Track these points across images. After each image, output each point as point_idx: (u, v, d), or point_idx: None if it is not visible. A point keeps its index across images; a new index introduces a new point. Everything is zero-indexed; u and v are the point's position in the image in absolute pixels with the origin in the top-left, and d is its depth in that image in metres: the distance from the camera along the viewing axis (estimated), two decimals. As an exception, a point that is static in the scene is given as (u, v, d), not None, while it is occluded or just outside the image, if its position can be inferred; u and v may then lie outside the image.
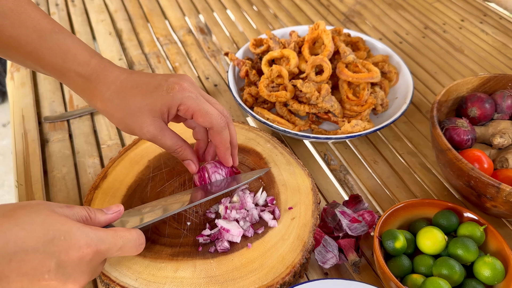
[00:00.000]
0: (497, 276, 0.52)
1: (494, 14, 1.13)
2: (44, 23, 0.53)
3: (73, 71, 0.53)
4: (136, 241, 0.47)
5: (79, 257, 0.41)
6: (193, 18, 1.11)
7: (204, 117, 0.54)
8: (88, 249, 0.41)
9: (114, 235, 0.45)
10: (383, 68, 0.82)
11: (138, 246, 0.48)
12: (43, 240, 0.39)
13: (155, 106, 0.53)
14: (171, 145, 0.55)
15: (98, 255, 0.42)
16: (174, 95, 0.53)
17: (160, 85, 0.53)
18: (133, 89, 0.53)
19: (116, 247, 0.45)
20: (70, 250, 0.40)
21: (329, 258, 0.56)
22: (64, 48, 0.53)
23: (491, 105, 0.69)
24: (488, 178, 0.56)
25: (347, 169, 0.73)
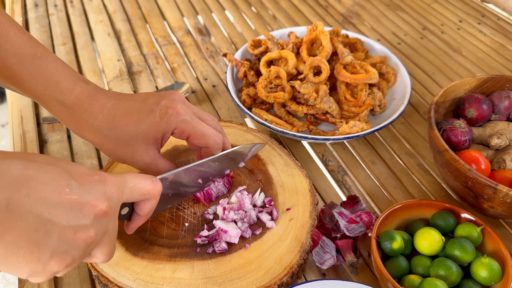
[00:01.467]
0: (494, 276, 0.52)
1: (492, 15, 1.14)
2: (26, 47, 0.50)
3: (55, 100, 0.50)
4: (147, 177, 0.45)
5: (91, 179, 0.38)
6: (191, 19, 1.11)
7: (200, 139, 0.53)
8: (97, 175, 0.39)
9: (120, 173, 0.43)
10: (381, 69, 0.82)
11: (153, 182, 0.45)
12: (52, 161, 0.37)
13: (149, 134, 0.51)
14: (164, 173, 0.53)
15: (110, 184, 0.40)
16: (168, 121, 0.51)
17: (152, 111, 0.51)
18: (124, 118, 0.51)
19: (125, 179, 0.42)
20: (81, 173, 0.38)
21: (327, 259, 0.56)
22: (46, 75, 0.50)
23: (488, 106, 0.70)
24: (485, 179, 0.56)
25: (345, 170, 0.74)
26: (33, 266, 0.34)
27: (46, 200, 0.34)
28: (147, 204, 0.46)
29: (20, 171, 0.33)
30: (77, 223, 0.36)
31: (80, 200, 0.36)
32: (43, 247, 0.34)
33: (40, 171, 0.35)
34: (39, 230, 0.34)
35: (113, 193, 0.40)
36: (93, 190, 0.38)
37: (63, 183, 0.35)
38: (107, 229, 0.40)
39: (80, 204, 0.36)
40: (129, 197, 0.43)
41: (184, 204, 0.59)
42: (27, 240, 0.33)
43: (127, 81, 0.90)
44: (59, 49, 0.98)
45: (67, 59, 0.96)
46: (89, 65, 0.94)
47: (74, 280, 0.57)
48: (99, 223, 0.38)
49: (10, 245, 0.33)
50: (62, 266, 0.36)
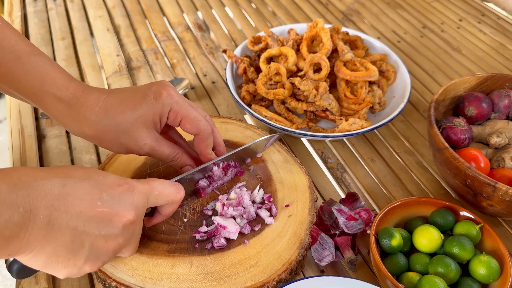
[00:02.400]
0: (493, 274, 0.52)
1: (492, 14, 1.14)
2: (22, 45, 0.50)
3: (51, 96, 0.50)
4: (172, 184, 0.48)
5: (121, 190, 0.42)
6: (191, 15, 1.11)
7: (192, 123, 0.54)
8: (127, 185, 0.43)
9: (148, 180, 0.47)
10: (381, 67, 0.82)
11: (177, 189, 0.49)
12: (86, 175, 0.41)
13: (147, 117, 0.52)
14: (169, 154, 0.55)
15: (138, 193, 0.44)
16: (163, 102, 0.52)
17: (147, 95, 0.52)
18: (120, 105, 0.51)
19: (151, 188, 0.46)
20: (112, 185, 0.42)
21: (326, 256, 0.56)
22: (42, 71, 0.50)
23: (488, 105, 0.69)
24: (485, 177, 0.56)
25: (344, 167, 0.74)
26: (70, 270, 0.40)
27: (81, 214, 0.39)
28: (170, 208, 0.50)
29: (59, 189, 0.38)
30: (108, 233, 0.41)
31: (111, 211, 0.41)
32: (79, 255, 0.40)
33: (75, 187, 0.39)
34: (75, 241, 0.39)
35: (140, 202, 0.44)
36: (123, 201, 0.42)
37: (95, 197, 0.40)
38: (134, 233, 0.45)
39: (111, 215, 0.41)
40: (154, 203, 0.47)
41: (182, 200, 0.59)
42: (65, 250, 0.39)
43: (126, 76, 0.90)
44: (58, 44, 0.98)
45: (66, 54, 0.95)
46: (88, 60, 0.94)
47: (72, 275, 0.57)
48: (127, 230, 0.43)
49: (51, 255, 0.38)
50: (94, 268, 0.42)
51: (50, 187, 0.38)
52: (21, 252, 0.37)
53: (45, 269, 0.39)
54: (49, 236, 0.37)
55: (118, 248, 0.43)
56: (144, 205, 0.45)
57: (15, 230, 0.35)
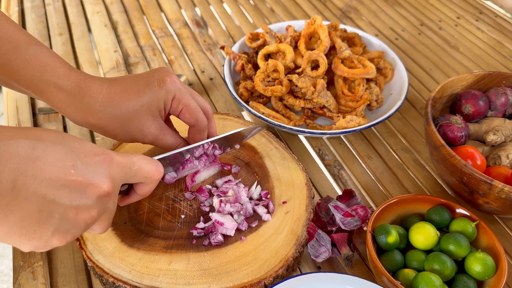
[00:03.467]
0: (488, 271, 0.53)
1: (490, 12, 1.14)
2: (20, 35, 0.49)
3: (52, 85, 0.49)
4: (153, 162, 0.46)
5: (98, 159, 0.39)
6: (189, 11, 1.11)
7: (191, 113, 0.54)
8: (104, 155, 0.40)
9: (127, 153, 0.44)
10: (379, 64, 0.82)
11: (157, 167, 0.46)
12: (60, 139, 0.37)
13: (152, 104, 0.51)
14: (172, 143, 0.54)
15: (116, 165, 0.41)
16: (167, 88, 0.52)
17: (150, 81, 0.52)
18: (124, 93, 0.50)
19: (131, 162, 0.43)
20: (87, 153, 0.39)
21: (322, 252, 0.56)
22: (42, 61, 0.49)
23: (485, 103, 0.70)
24: (481, 174, 0.56)
25: (341, 164, 0.74)
26: (35, 243, 0.36)
27: (51, 181, 0.35)
28: (146, 187, 0.48)
29: (27, 152, 0.34)
30: (80, 204, 0.37)
31: (85, 181, 0.37)
32: (46, 226, 0.35)
33: (46, 151, 0.35)
34: (43, 210, 0.35)
35: (116, 174, 0.41)
36: (98, 171, 0.38)
37: (68, 164, 0.36)
38: (107, 207, 0.41)
39: (84, 185, 0.37)
40: (131, 179, 0.44)
41: (180, 196, 0.59)
42: (30, 220, 0.34)
43: (123, 72, 0.90)
44: (55, 40, 0.98)
45: (63, 50, 0.95)
46: (85, 56, 0.94)
47: (69, 271, 0.57)
48: (100, 203, 0.39)
49: (14, 224, 0.34)
50: (63, 242, 0.38)
51: (17, 148, 0.34)
52: None
53: (7, 240, 0.35)
54: (13, 203, 0.33)
55: (90, 222, 0.39)
56: (121, 179, 0.42)
57: None
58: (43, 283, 0.55)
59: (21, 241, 0.35)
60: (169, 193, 0.60)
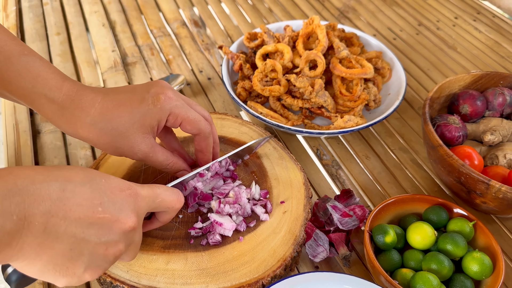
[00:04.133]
0: (485, 271, 0.53)
1: (488, 12, 1.14)
2: (12, 45, 0.49)
3: (44, 97, 0.49)
4: (175, 192, 0.47)
5: (123, 195, 0.41)
6: (187, 11, 1.10)
7: (192, 125, 0.53)
8: (129, 190, 0.41)
9: (151, 185, 0.45)
10: (377, 64, 0.82)
11: (178, 197, 0.47)
12: (88, 178, 0.39)
13: (145, 122, 0.51)
14: (163, 160, 0.54)
15: (141, 199, 0.42)
16: (162, 107, 0.51)
17: (144, 99, 0.51)
18: (117, 109, 0.50)
19: (155, 194, 0.44)
20: (114, 189, 0.40)
21: (320, 252, 0.56)
22: (34, 72, 0.49)
23: (482, 103, 0.70)
24: (478, 174, 0.56)
25: (339, 164, 0.74)
26: (69, 279, 0.38)
27: (80, 221, 0.37)
28: (168, 215, 0.49)
29: (57, 194, 0.36)
30: (108, 239, 0.39)
31: (111, 217, 0.39)
32: (78, 263, 0.38)
33: (75, 192, 0.37)
34: (74, 249, 0.37)
35: (141, 208, 0.43)
36: (124, 206, 0.40)
37: (96, 203, 0.38)
38: (133, 240, 0.43)
39: (111, 221, 0.39)
40: (155, 209, 0.46)
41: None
42: (63, 258, 0.36)
43: (121, 72, 0.89)
44: (53, 39, 0.98)
45: (61, 50, 0.95)
46: (83, 56, 0.93)
47: (67, 271, 0.57)
48: (127, 237, 0.41)
49: (47, 263, 0.36)
50: (95, 277, 0.40)
51: (49, 191, 0.35)
52: (14, 260, 0.35)
53: (42, 277, 0.37)
54: (45, 243, 0.35)
55: (118, 255, 0.41)
56: (145, 211, 0.44)
57: (7, 239, 0.33)
58: (40, 283, 0.55)
59: (56, 277, 0.37)
60: (167, 193, 0.60)
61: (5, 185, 0.34)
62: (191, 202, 0.57)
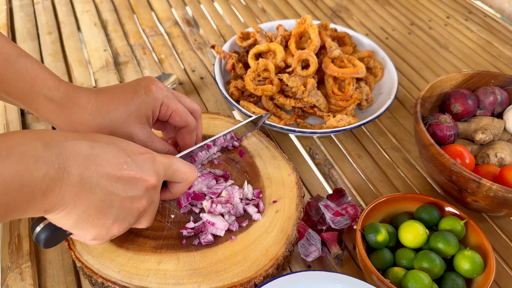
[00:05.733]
0: (476, 269, 0.53)
1: (479, 12, 1.15)
2: (9, 47, 0.50)
3: (42, 97, 0.50)
4: (189, 165, 0.50)
5: (143, 157, 0.45)
6: (179, 10, 1.10)
7: (181, 116, 0.55)
8: (148, 154, 0.45)
9: (167, 155, 0.49)
10: (369, 64, 0.83)
11: (192, 170, 0.50)
12: (111, 140, 0.44)
13: (140, 112, 0.52)
14: (161, 149, 0.56)
15: (158, 163, 0.46)
16: (154, 96, 0.53)
17: (137, 90, 0.53)
18: (112, 103, 0.52)
19: (171, 162, 0.48)
20: (135, 152, 0.44)
21: (312, 251, 0.56)
22: (32, 72, 0.50)
23: (474, 102, 0.70)
24: (469, 173, 0.56)
25: (332, 163, 0.74)
26: (99, 230, 0.42)
27: (109, 175, 0.41)
28: (180, 187, 0.52)
29: (88, 150, 0.40)
30: (133, 194, 0.43)
31: (135, 175, 0.43)
32: (107, 215, 0.42)
33: (103, 150, 0.41)
34: (105, 200, 0.41)
35: (160, 170, 0.46)
36: (145, 167, 0.44)
37: (122, 161, 0.42)
38: (154, 199, 0.47)
39: (135, 179, 0.43)
40: (170, 177, 0.49)
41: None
42: (96, 209, 0.40)
43: (113, 71, 0.89)
44: (44, 39, 0.97)
45: (52, 49, 0.94)
46: (75, 56, 0.93)
47: (58, 272, 0.56)
48: (149, 194, 0.45)
49: (82, 213, 0.40)
50: (121, 230, 0.44)
51: (80, 147, 0.39)
52: (55, 209, 0.38)
53: (75, 228, 0.41)
54: (81, 193, 0.39)
55: (142, 210, 0.44)
56: (163, 175, 0.47)
57: (51, 185, 0.36)
58: (31, 284, 0.55)
59: (87, 228, 0.41)
60: (159, 193, 0.59)
61: (44, 139, 0.38)
62: (184, 203, 0.57)
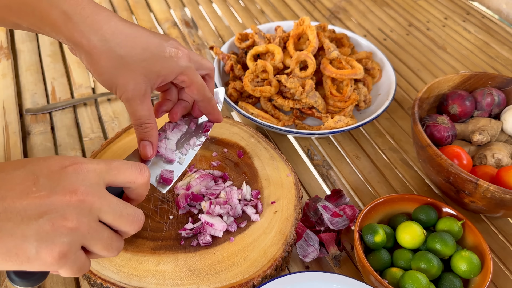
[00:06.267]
0: (474, 270, 0.53)
1: (477, 13, 1.15)
2: None
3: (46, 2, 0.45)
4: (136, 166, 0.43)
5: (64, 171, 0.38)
6: (178, 11, 1.10)
7: (199, 90, 0.52)
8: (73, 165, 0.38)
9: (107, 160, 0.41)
10: (367, 65, 0.83)
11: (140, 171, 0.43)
12: (22, 164, 0.38)
13: (154, 67, 0.47)
14: (144, 115, 0.49)
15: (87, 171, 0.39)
16: (177, 62, 0.48)
17: (162, 45, 0.48)
18: (132, 38, 0.46)
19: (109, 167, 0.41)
20: (52, 167, 0.38)
21: (310, 252, 0.56)
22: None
23: (471, 103, 0.71)
24: (467, 174, 0.57)
25: (330, 164, 0.74)
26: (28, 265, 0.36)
27: (14, 206, 0.35)
28: (133, 192, 0.44)
29: None
30: (51, 216, 0.36)
31: (48, 194, 0.36)
32: (25, 246, 0.35)
33: (6, 179, 0.36)
34: (14, 234, 0.35)
35: (89, 180, 0.39)
36: (63, 181, 0.37)
37: (29, 184, 0.36)
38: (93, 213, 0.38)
39: (49, 198, 0.36)
40: (113, 183, 0.42)
41: (168, 197, 0.59)
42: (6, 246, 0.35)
43: (112, 73, 0.89)
44: (43, 39, 0.97)
45: (51, 50, 0.94)
46: (73, 57, 0.93)
47: (57, 273, 0.57)
48: (77, 208, 0.37)
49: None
50: (56, 255, 0.36)
51: None
52: None
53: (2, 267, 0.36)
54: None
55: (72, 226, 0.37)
56: (98, 184, 0.39)
57: None
58: (30, 285, 0.55)
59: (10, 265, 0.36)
60: (157, 194, 0.60)
61: None
62: (182, 204, 0.57)
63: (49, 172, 0.37)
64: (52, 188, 0.37)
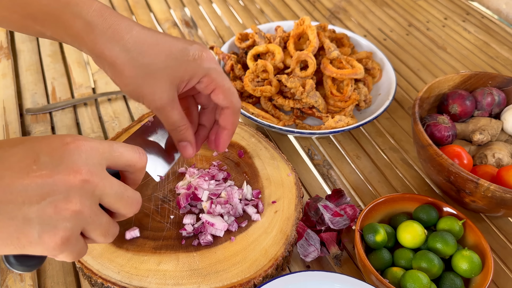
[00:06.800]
0: (474, 269, 0.53)
1: (477, 13, 1.15)
2: None
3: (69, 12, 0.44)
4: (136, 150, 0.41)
5: (66, 148, 0.35)
6: (178, 11, 1.10)
7: (226, 94, 0.49)
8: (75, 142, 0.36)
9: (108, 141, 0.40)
10: (367, 65, 0.83)
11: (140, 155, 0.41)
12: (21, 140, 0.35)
13: (178, 72, 0.47)
14: (177, 120, 0.49)
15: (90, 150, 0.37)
16: (201, 64, 0.47)
17: (186, 49, 0.47)
18: (154, 46, 0.46)
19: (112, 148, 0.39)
20: (52, 144, 0.35)
21: (311, 252, 0.56)
22: None
23: (471, 102, 0.71)
24: (467, 173, 0.57)
25: (330, 164, 0.74)
26: (31, 249, 0.34)
27: (13, 186, 0.33)
28: (132, 176, 0.42)
29: None
30: (54, 198, 0.34)
31: (50, 173, 0.34)
32: (27, 230, 0.34)
33: (4, 156, 0.34)
34: (15, 217, 0.33)
35: (92, 159, 0.37)
36: (65, 159, 0.35)
37: (29, 162, 0.34)
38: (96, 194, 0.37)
39: (51, 178, 0.34)
40: (114, 165, 0.40)
41: (169, 197, 0.59)
42: (7, 230, 0.33)
43: (112, 73, 0.89)
44: (43, 40, 0.97)
45: (51, 50, 0.94)
46: (73, 56, 0.93)
47: (58, 273, 0.57)
48: (81, 190, 0.35)
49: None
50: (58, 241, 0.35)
51: None
52: None
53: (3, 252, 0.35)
54: None
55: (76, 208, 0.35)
56: (101, 164, 0.37)
57: None
58: (31, 285, 0.55)
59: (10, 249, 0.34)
60: (158, 194, 0.60)
61: None
62: (183, 203, 0.57)
63: (50, 149, 0.35)
64: (54, 167, 0.34)
